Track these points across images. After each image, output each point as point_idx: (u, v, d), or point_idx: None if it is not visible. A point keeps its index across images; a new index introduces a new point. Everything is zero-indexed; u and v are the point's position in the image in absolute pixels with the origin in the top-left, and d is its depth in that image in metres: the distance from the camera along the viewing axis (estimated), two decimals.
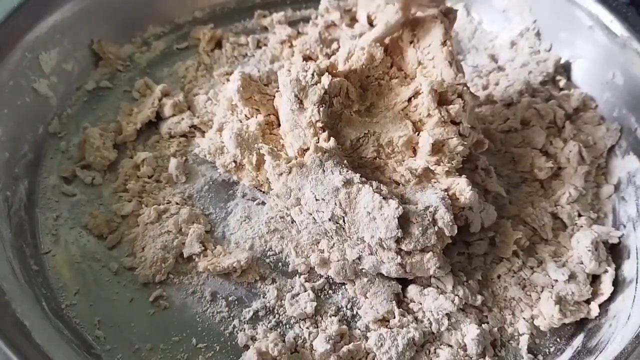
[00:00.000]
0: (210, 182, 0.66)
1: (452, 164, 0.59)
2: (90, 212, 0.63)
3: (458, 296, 0.57)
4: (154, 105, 0.70)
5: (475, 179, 0.62)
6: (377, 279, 0.58)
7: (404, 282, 0.59)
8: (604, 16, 0.70)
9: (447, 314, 0.57)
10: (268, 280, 0.60)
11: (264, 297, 0.59)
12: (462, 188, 0.58)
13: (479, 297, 0.58)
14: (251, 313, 0.58)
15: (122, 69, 0.75)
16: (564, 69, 0.74)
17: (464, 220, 0.59)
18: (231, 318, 0.58)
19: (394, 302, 0.57)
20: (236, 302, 0.59)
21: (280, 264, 0.61)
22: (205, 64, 0.76)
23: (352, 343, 0.56)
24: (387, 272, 0.57)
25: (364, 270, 0.58)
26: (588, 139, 0.69)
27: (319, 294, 0.59)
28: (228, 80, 0.72)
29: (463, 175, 0.59)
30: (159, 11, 0.78)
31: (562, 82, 0.74)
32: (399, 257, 0.56)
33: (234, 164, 0.64)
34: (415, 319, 0.57)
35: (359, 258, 0.57)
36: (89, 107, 0.72)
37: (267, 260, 0.61)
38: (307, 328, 0.57)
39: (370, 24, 0.76)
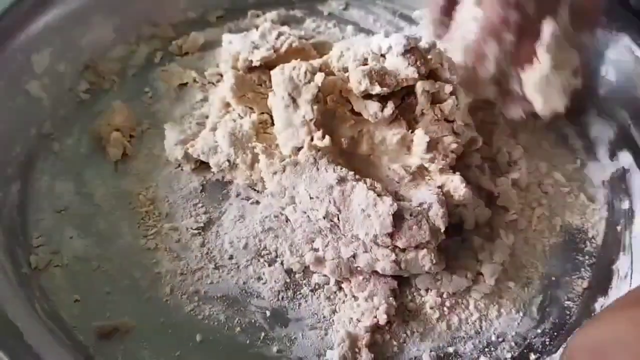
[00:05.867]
0: (204, 182, 0.66)
1: (446, 161, 0.59)
2: (83, 213, 0.63)
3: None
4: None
5: (469, 177, 0.62)
6: (372, 277, 0.58)
7: (400, 278, 0.59)
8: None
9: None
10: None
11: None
12: (456, 185, 0.58)
13: None
14: None
15: (114, 70, 0.75)
16: None
17: (458, 218, 0.59)
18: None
19: (391, 298, 0.57)
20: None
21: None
22: (197, 64, 0.76)
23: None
24: (382, 270, 0.56)
25: (359, 268, 0.58)
26: None
27: None
28: (220, 80, 0.72)
29: (457, 173, 0.59)
30: (151, 11, 0.78)
31: None
32: (394, 254, 0.55)
33: (227, 163, 0.64)
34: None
35: (354, 256, 0.57)
36: (81, 108, 0.71)
37: (262, 260, 0.61)
38: None
39: None
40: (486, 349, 0.56)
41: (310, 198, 0.56)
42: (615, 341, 0.41)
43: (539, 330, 0.58)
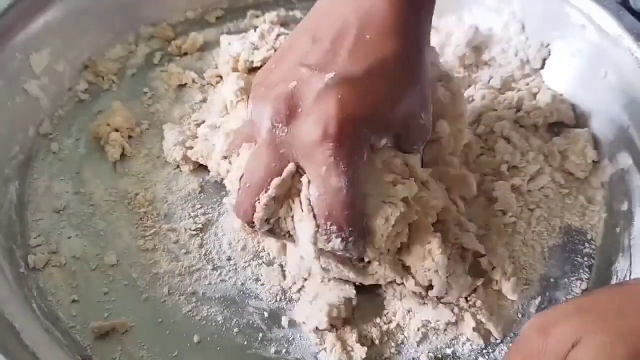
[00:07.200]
0: (203, 184, 0.66)
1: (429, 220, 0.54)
2: (82, 213, 0.63)
3: None
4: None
5: (450, 239, 0.56)
6: None
7: None
8: (596, 15, 0.70)
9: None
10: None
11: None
12: (433, 249, 0.52)
13: None
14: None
15: (113, 71, 0.75)
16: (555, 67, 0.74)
17: (428, 282, 0.54)
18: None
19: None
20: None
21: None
22: (197, 65, 0.76)
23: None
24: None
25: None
26: None
27: None
28: (219, 82, 0.72)
29: (438, 234, 0.53)
30: (150, 12, 0.78)
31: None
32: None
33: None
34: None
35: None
36: (80, 108, 0.71)
37: (260, 261, 0.61)
38: None
39: None
40: (484, 351, 0.56)
41: None
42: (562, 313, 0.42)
43: None
